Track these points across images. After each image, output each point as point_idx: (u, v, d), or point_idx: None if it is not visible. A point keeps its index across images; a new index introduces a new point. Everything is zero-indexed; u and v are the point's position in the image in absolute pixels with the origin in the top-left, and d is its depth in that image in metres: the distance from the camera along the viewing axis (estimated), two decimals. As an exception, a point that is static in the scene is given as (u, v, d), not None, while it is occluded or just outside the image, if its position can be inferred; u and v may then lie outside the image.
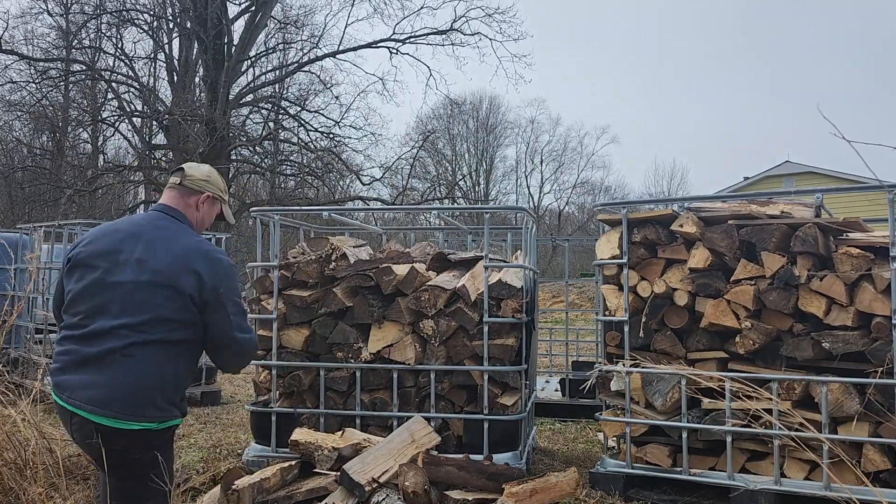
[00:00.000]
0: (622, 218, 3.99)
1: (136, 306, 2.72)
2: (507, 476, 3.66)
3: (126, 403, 2.64)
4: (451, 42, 23.37)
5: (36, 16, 21.76)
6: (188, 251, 2.81)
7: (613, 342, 4.11)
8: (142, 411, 2.66)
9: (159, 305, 2.73)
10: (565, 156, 45.17)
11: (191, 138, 20.35)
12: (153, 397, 2.69)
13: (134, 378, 2.67)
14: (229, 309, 2.81)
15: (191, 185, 3.04)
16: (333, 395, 4.38)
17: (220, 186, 3.14)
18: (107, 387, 2.65)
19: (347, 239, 4.82)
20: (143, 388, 2.68)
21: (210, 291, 2.78)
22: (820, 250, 3.59)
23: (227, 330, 2.83)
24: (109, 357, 2.67)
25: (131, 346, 2.68)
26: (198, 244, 2.86)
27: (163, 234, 2.87)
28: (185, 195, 3.04)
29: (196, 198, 3.05)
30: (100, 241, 2.90)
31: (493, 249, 4.94)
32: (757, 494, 3.58)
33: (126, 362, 2.67)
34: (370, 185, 25.41)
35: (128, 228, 2.92)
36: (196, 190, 3.05)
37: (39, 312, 7.14)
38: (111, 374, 2.66)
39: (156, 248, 2.82)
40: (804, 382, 3.58)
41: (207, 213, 3.12)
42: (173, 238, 2.86)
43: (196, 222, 3.08)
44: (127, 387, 2.66)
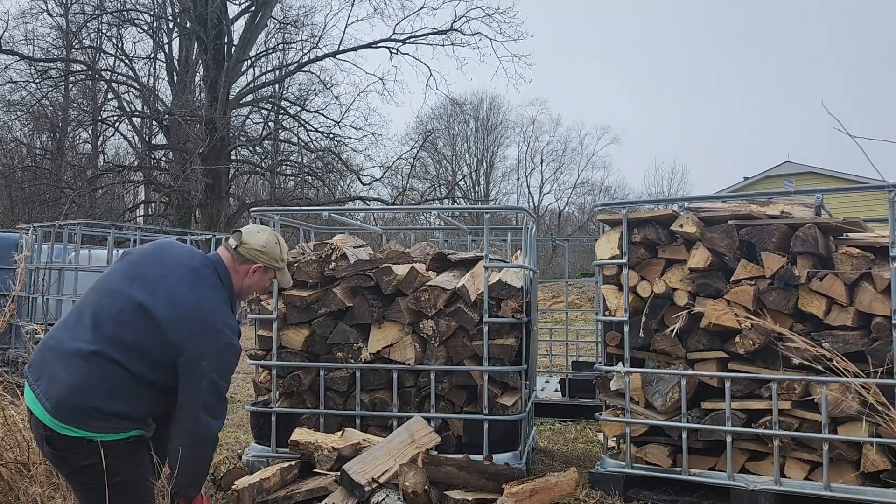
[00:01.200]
0: (622, 218, 3.99)
1: (130, 326, 2.68)
2: (507, 476, 3.66)
3: (72, 406, 2.60)
4: (451, 42, 23.41)
5: (36, 16, 21.80)
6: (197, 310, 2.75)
7: (613, 342, 4.11)
8: (82, 419, 2.60)
9: (145, 334, 2.68)
10: (565, 156, 45.27)
11: (191, 138, 20.35)
12: (99, 406, 2.61)
13: (89, 384, 2.62)
14: (204, 387, 2.69)
15: (245, 253, 3.01)
16: (333, 395, 4.38)
17: (275, 256, 3.08)
18: (65, 386, 2.62)
19: (348, 238, 4.82)
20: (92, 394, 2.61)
21: (191, 356, 2.68)
22: (820, 250, 3.59)
23: (196, 406, 2.71)
24: (78, 358, 2.65)
25: (100, 358, 2.64)
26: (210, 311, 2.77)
27: (195, 281, 2.83)
28: (237, 261, 3.01)
29: (248, 266, 3.03)
30: (148, 251, 2.92)
31: (493, 249, 4.93)
32: (757, 494, 3.58)
33: (88, 367, 2.63)
34: (370, 185, 25.46)
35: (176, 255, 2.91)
36: (249, 259, 3.02)
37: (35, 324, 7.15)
38: (72, 375, 2.63)
39: (178, 289, 2.78)
40: (804, 382, 3.58)
41: (258, 280, 3.10)
42: (197, 291, 2.81)
43: (242, 288, 3.05)
44: (80, 389, 2.61)
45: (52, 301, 7.21)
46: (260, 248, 3.03)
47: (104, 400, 2.61)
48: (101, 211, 21.02)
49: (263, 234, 3.09)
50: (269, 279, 3.15)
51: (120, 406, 2.64)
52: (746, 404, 3.71)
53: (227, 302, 2.92)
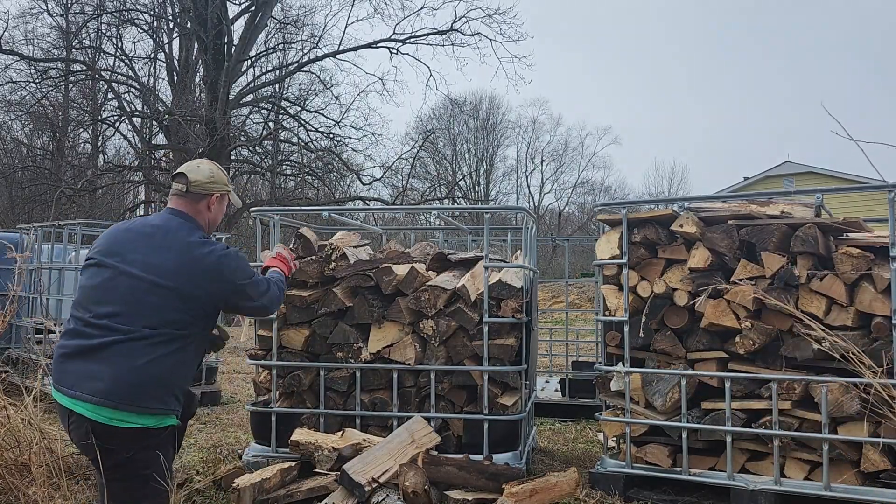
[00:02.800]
0: (622, 218, 3.99)
1: (145, 306, 2.78)
2: (507, 476, 3.66)
3: (127, 394, 2.68)
4: (451, 42, 23.40)
5: (36, 16, 21.79)
6: (197, 260, 2.88)
7: (613, 342, 4.11)
8: (143, 403, 2.70)
9: (165, 307, 2.80)
10: (566, 156, 45.22)
11: (191, 138, 20.35)
12: (154, 388, 2.73)
13: (136, 369, 2.71)
14: (251, 292, 3.02)
15: (197, 190, 3.08)
16: (333, 395, 4.38)
17: (223, 181, 3.18)
18: (110, 378, 2.69)
19: (348, 236, 4.82)
20: (146, 379, 2.72)
21: (230, 289, 2.94)
22: (820, 250, 3.59)
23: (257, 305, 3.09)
24: (113, 348, 2.72)
25: (135, 342, 2.73)
26: (203, 251, 2.92)
27: (174, 236, 2.93)
28: (193, 201, 3.09)
29: (205, 201, 3.11)
30: (112, 241, 2.97)
31: (493, 249, 4.93)
32: (757, 494, 3.58)
33: (128, 354, 2.72)
34: (370, 185, 25.45)
35: (140, 229, 2.99)
36: (204, 194, 3.10)
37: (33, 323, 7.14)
38: (113, 365, 2.71)
39: (166, 250, 2.88)
40: (804, 382, 3.58)
41: (218, 210, 3.19)
42: (183, 242, 2.91)
43: (208, 222, 3.14)
44: (129, 377, 2.70)
45: (53, 301, 7.20)
46: (208, 179, 3.11)
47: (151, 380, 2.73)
48: (101, 211, 21.02)
49: (204, 165, 3.18)
50: (225, 206, 3.25)
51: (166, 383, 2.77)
52: (746, 404, 3.71)
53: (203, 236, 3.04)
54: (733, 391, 3.70)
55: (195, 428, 5.98)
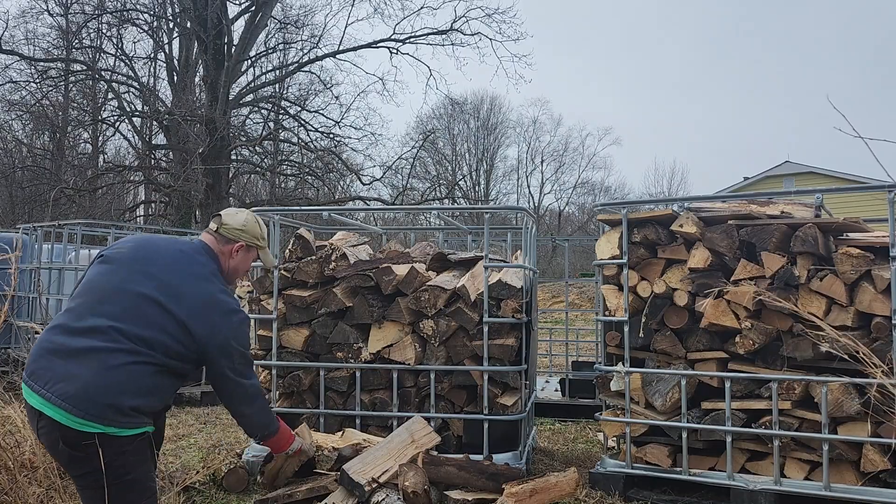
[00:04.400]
0: (622, 218, 3.99)
1: (142, 320, 2.74)
2: (507, 476, 3.66)
3: (90, 400, 2.60)
4: (451, 42, 23.37)
5: (36, 16, 21.77)
6: (212, 300, 2.90)
7: (613, 342, 4.11)
8: (102, 412, 2.61)
9: (164, 332, 2.76)
10: (566, 156, 45.21)
11: (191, 138, 20.35)
12: (119, 401, 2.64)
13: (109, 378, 2.64)
14: (235, 359, 2.93)
15: (226, 233, 3.13)
16: (333, 395, 4.38)
17: (255, 234, 3.20)
18: (82, 382, 2.61)
19: (348, 236, 4.82)
20: (112, 388, 2.64)
21: (220, 341, 2.87)
22: (820, 250, 3.59)
23: (229, 375, 2.94)
24: (93, 354, 2.65)
25: (118, 353, 2.67)
26: (221, 297, 2.93)
27: (198, 271, 2.95)
28: (220, 242, 3.13)
29: (230, 246, 3.14)
30: (137, 248, 2.96)
31: (493, 249, 4.93)
32: (757, 494, 3.58)
33: (108, 364, 2.65)
34: (370, 185, 25.44)
35: (167, 246, 3.01)
36: (231, 238, 3.13)
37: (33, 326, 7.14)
38: (89, 369, 2.63)
39: (186, 283, 2.88)
40: (804, 382, 3.58)
41: (242, 260, 3.20)
42: (204, 282, 2.93)
43: (229, 269, 3.16)
44: (99, 384, 2.62)
45: (52, 301, 7.20)
46: (240, 227, 3.14)
47: (122, 394, 2.65)
48: (101, 211, 21.00)
49: (242, 214, 3.22)
50: (251, 259, 3.25)
51: (137, 400, 2.68)
52: (746, 404, 3.71)
53: (223, 282, 3.06)
54: (733, 391, 3.70)
55: (195, 428, 5.98)
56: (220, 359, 2.90)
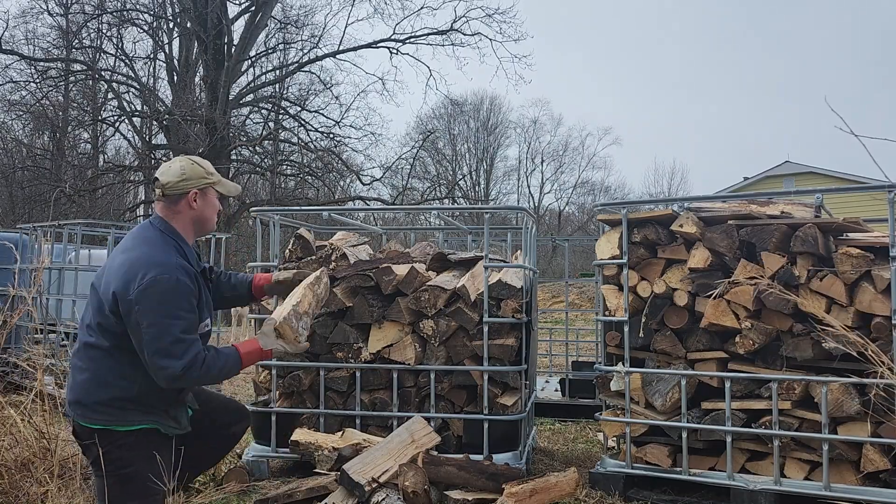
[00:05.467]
0: (622, 218, 3.99)
1: (88, 308, 2.93)
2: (507, 476, 3.66)
3: (80, 405, 2.85)
4: (451, 42, 23.44)
5: (36, 16, 21.81)
6: (120, 266, 2.81)
7: (613, 342, 4.10)
8: (90, 413, 2.82)
9: (97, 312, 2.87)
10: (566, 156, 45.24)
11: (191, 138, 20.34)
12: (97, 399, 2.81)
13: (84, 382, 2.85)
14: (144, 332, 2.69)
15: (171, 192, 2.97)
16: (333, 395, 4.38)
17: (199, 175, 3.01)
18: (72, 389, 2.91)
19: (348, 237, 4.82)
20: (88, 391, 2.84)
21: (125, 308, 2.72)
22: (820, 250, 3.59)
23: (145, 354, 2.73)
24: (74, 359, 2.93)
25: (83, 348, 2.88)
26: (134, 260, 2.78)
27: (124, 245, 2.97)
28: (171, 203, 2.99)
29: (184, 201, 2.99)
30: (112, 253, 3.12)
31: (493, 249, 4.93)
32: (757, 494, 3.58)
33: (80, 365, 2.89)
34: (370, 185, 25.45)
35: (123, 240, 3.10)
36: (180, 193, 2.98)
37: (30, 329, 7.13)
38: (75, 376, 2.91)
39: (114, 259, 2.95)
40: (804, 382, 3.58)
41: (204, 205, 3.04)
42: (123, 251, 2.92)
43: (195, 220, 3.04)
44: (80, 390, 2.87)
45: (53, 301, 7.20)
46: (180, 177, 2.96)
47: (97, 390, 2.82)
48: (101, 211, 21.00)
49: (175, 164, 3.04)
50: (213, 199, 3.07)
51: (113, 391, 2.81)
52: (746, 404, 3.71)
53: (165, 247, 2.88)
54: (733, 391, 3.70)
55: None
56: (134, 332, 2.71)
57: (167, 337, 2.69)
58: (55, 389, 3.97)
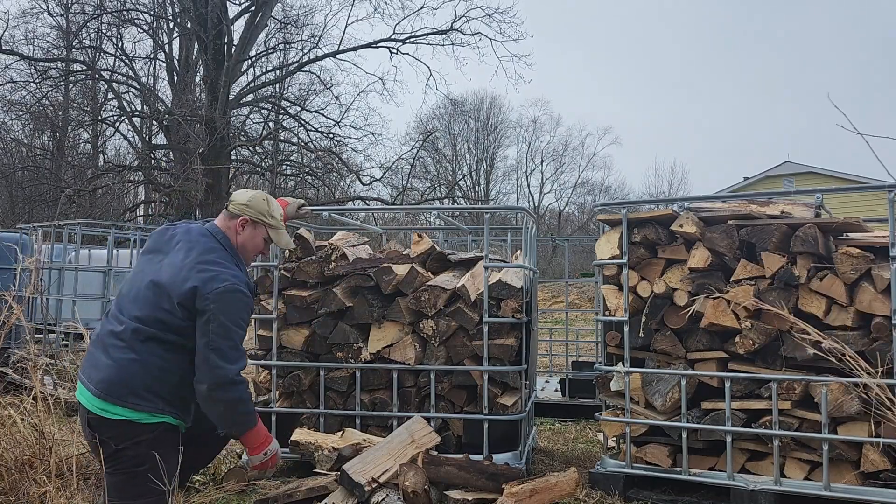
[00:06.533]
0: (622, 218, 3.99)
1: (144, 302, 2.94)
2: (507, 476, 3.66)
3: (112, 384, 2.84)
4: (451, 42, 23.39)
5: (36, 16, 21.78)
6: (197, 265, 2.97)
7: (613, 342, 4.10)
8: (123, 396, 2.83)
9: (158, 307, 2.92)
10: (566, 156, 45.24)
11: (191, 138, 20.35)
12: (134, 383, 2.84)
13: (124, 362, 2.87)
14: (213, 328, 2.86)
15: (233, 209, 3.23)
16: (333, 395, 4.38)
17: (260, 210, 3.25)
18: (105, 368, 2.88)
19: (348, 237, 4.82)
20: (127, 372, 2.85)
21: (201, 303, 2.89)
22: (820, 250, 3.59)
23: (206, 348, 2.86)
24: (111, 339, 2.92)
25: (128, 331, 2.90)
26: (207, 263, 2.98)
27: (190, 246, 3.06)
28: (227, 218, 3.24)
29: (235, 221, 3.22)
30: (155, 239, 3.19)
31: (493, 249, 4.93)
32: (757, 494, 3.58)
33: (121, 346, 2.89)
34: (370, 185, 25.43)
35: (183, 233, 3.16)
36: (236, 214, 3.22)
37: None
38: (111, 355, 2.89)
39: (178, 256, 3.03)
40: (804, 382, 3.57)
41: (249, 236, 3.24)
42: (192, 251, 3.04)
43: (239, 245, 3.23)
44: (117, 369, 2.86)
45: (53, 301, 7.20)
46: (245, 202, 3.23)
47: (140, 374, 2.85)
48: (101, 211, 20.99)
49: (249, 192, 3.32)
50: (261, 237, 3.26)
51: (153, 381, 2.87)
52: (746, 404, 3.71)
53: (229, 259, 3.10)
54: (733, 391, 3.70)
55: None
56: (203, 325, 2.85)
57: (228, 341, 2.90)
58: (55, 389, 3.97)
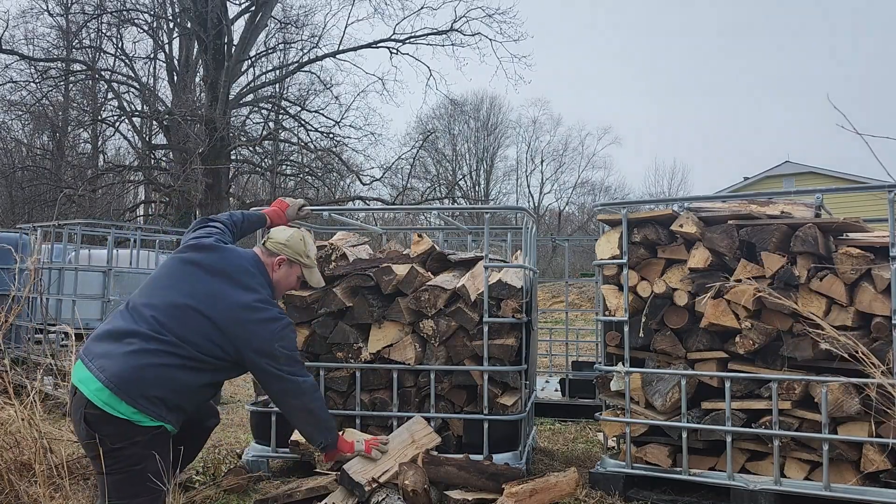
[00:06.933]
0: (622, 218, 3.99)
1: (188, 324, 2.95)
2: (507, 476, 3.66)
3: (126, 381, 2.80)
4: (451, 42, 23.41)
5: (36, 16, 21.80)
6: (248, 307, 3.04)
7: (613, 342, 4.10)
8: (133, 396, 2.80)
9: (206, 337, 2.95)
10: (566, 156, 45.26)
11: (191, 138, 20.34)
12: (146, 388, 2.83)
13: (145, 364, 2.85)
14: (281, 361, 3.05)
15: (271, 247, 3.33)
16: (333, 395, 4.38)
17: (298, 250, 3.35)
18: (121, 362, 2.84)
19: (348, 237, 4.81)
20: (145, 375, 2.84)
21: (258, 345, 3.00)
22: (820, 250, 3.59)
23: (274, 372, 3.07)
24: (141, 343, 2.88)
25: (162, 345, 2.89)
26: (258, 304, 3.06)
27: (241, 280, 3.10)
28: (265, 255, 3.32)
29: (272, 259, 3.31)
30: (208, 251, 3.16)
31: (493, 249, 4.93)
32: (757, 494, 3.58)
33: (147, 348, 2.88)
34: (370, 185, 25.43)
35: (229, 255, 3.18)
36: (273, 252, 3.31)
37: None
38: (132, 354, 2.86)
39: (228, 290, 3.05)
40: (804, 382, 3.57)
41: (285, 274, 3.35)
42: (243, 290, 3.08)
43: (275, 282, 3.31)
44: (134, 367, 2.83)
45: (53, 301, 7.20)
46: (283, 242, 3.33)
47: (156, 382, 2.85)
48: (101, 211, 20.99)
49: (288, 231, 3.42)
50: (295, 275, 3.40)
51: (167, 393, 2.87)
52: (746, 404, 3.71)
53: (268, 292, 3.21)
54: (733, 391, 3.70)
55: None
56: (260, 360, 3.03)
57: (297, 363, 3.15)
58: (55, 389, 3.97)
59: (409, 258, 4.55)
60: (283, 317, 3.14)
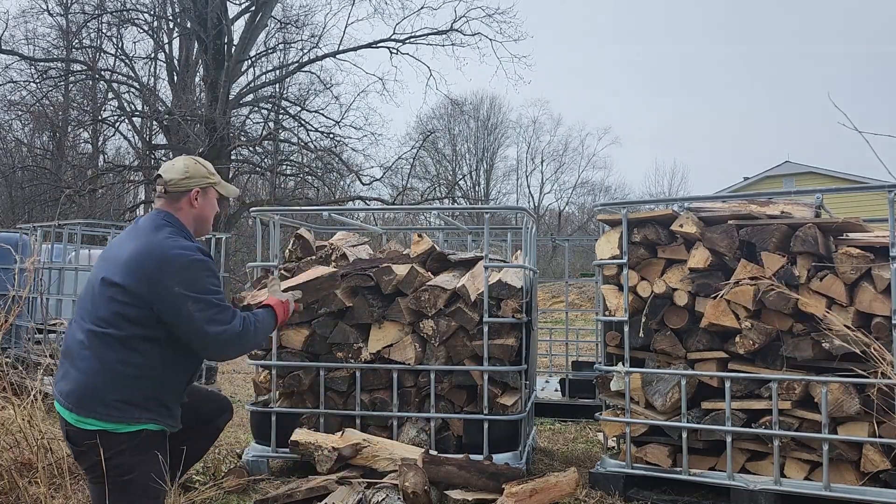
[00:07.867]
0: (622, 218, 3.99)
1: (97, 301, 2.79)
2: (507, 476, 3.66)
3: (80, 397, 2.71)
4: (451, 42, 23.40)
5: (36, 15, 21.79)
6: (143, 252, 2.79)
7: (613, 342, 4.10)
8: (92, 407, 2.69)
9: (112, 302, 2.75)
10: (566, 156, 45.26)
11: (191, 138, 20.34)
12: (102, 394, 2.70)
13: (90, 372, 2.72)
14: (190, 307, 2.73)
15: (174, 189, 3.01)
16: (333, 395, 4.38)
17: (202, 174, 3.07)
18: (73, 380, 2.75)
19: (348, 237, 4.82)
20: (94, 383, 2.71)
21: (163, 292, 2.73)
22: (820, 250, 3.59)
23: (197, 328, 2.76)
24: (77, 348, 2.78)
25: (89, 337, 2.74)
26: (153, 245, 2.80)
27: (135, 234, 2.91)
28: (173, 200, 3.02)
29: (185, 199, 3.03)
30: (109, 244, 3.14)
31: (493, 249, 4.93)
32: (757, 494, 3.58)
33: (85, 355, 2.74)
34: (370, 185, 25.42)
35: (126, 232, 3.03)
36: (183, 191, 3.02)
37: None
38: (77, 366, 2.75)
39: (122, 248, 2.87)
40: (804, 382, 3.57)
41: (205, 204, 3.08)
42: (137, 239, 2.87)
43: (195, 219, 3.06)
44: (83, 380, 2.72)
45: (53, 301, 7.20)
46: (184, 175, 3.02)
47: (108, 384, 2.71)
48: (101, 211, 21.00)
49: (179, 162, 3.09)
50: (213, 199, 3.12)
51: (121, 390, 2.72)
52: (746, 404, 3.71)
53: (183, 236, 2.93)
54: (733, 391, 3.70)
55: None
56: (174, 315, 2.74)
57: (212, 308, 2.78)
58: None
59: (409, 258, 4.55)
60: (189, 252, 2.80)
